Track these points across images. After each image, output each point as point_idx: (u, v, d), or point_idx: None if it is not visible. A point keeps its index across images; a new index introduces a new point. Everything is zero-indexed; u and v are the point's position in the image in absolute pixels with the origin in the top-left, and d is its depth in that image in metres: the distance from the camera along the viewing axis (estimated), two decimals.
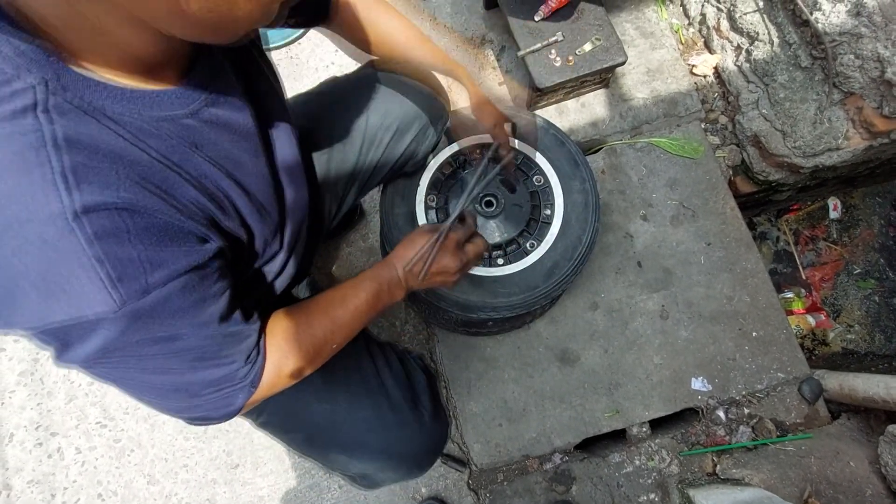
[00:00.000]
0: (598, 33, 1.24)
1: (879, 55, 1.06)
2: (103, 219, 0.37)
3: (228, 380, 0.52)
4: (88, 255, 0.37)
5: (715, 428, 1.20)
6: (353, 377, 0.81)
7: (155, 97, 0.43)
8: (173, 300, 0.43)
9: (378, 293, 0.69)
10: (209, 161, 0.48)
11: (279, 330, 0.62)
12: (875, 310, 1.78)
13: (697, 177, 1.34)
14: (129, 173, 0.40)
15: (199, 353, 0.49)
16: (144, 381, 0.48)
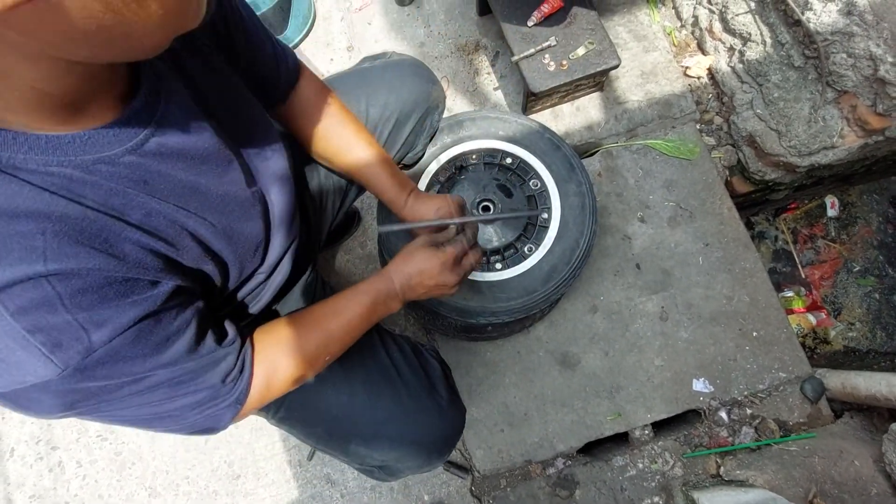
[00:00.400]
0: (591, 37, 1.25)
1: (872, 53, 1.07)
2: (29, 291, 0.35)
3: (210, 400, 0.52)
4: (18, 329, 0.35)
5: (718, 429, 1.20)
6: (371, 368, 0.82)
7: (85, 140, 0.39)
8: (126, 350, 0.41)
9: (374, 305, 0.69)
10: (158, 198, 0.45)
11: (272, 342, 0.61)
12: (876, 307, 1.78)
13: (694, 178, 1.34)
14: (58, 231, 0.37)
15: (171, 385, 0.48)
16: (125, 417, 0.48)
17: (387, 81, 0.91)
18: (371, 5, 1.55)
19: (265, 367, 0.59)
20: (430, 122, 0.99)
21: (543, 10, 1.25)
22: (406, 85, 0.92)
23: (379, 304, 0.69)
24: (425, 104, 0.94)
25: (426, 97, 0.94)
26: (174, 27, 0.36)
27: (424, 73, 0.96)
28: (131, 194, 0.42)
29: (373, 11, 1.54)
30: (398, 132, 0.93)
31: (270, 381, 0.59)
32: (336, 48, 1.53)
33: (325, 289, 0.94)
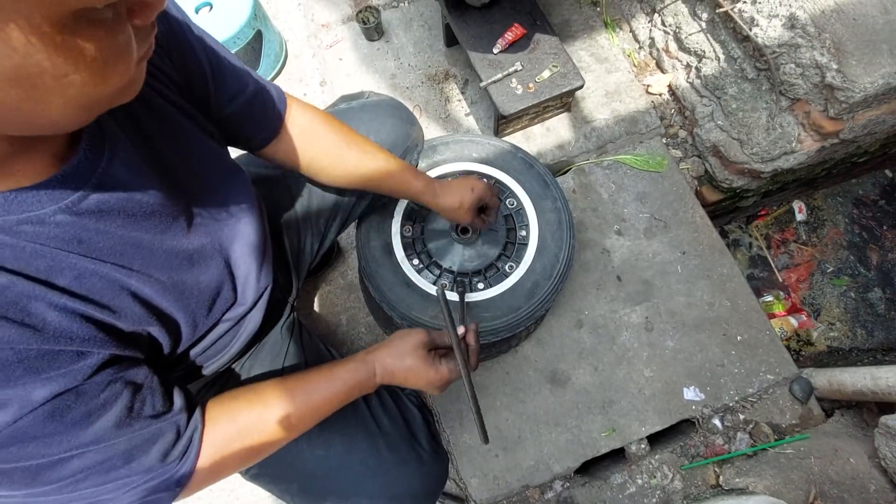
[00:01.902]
0: (554, 61, 1.30)
1: (818, 62, 1.13)
2: None
3: (146, 483, 0.47)
4: None
5: (713, 437, 1.18)
6: (349, 419, 0.78)
7: (10, 200, 0.36)
8: (35, 430, 0.37)
9: (349, 391, 0.65)
10: (94, 257, 0.42)
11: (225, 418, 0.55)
12: (853, 306, 1.82)
13: (665, 189, 1.38)
14: None
15: (100, 472, 0.43)
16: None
17: (365, 123, 0.90)
18: (341, 41, 1.59)
19: (215, 446, 0.53)
20: (408, 160, 0.99)
21: (507, 38, 1.30)
22: (385, 126, 0.92)
23: (354, 390, 0.66)
24: (404, 144, 0.95)
25: (405, 138, 0.95)
26: (99, 108, 0.35)
27: (403, 113, 0.97)
28: (60, 256, 0.39)
29: (343, 47, 1.58)
30: None
31: (220, 463, 0.53)
32: (309, 83, 1.56)
33: (303, 332, 0.92)
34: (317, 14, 1.63)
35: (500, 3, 1.35)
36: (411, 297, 1.03)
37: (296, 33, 1.62)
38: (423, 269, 1.07)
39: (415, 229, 1.08)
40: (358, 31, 1.58)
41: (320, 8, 1.64)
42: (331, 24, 1.61)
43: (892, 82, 1.10)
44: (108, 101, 0.35)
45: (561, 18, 1.56)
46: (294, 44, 1.61)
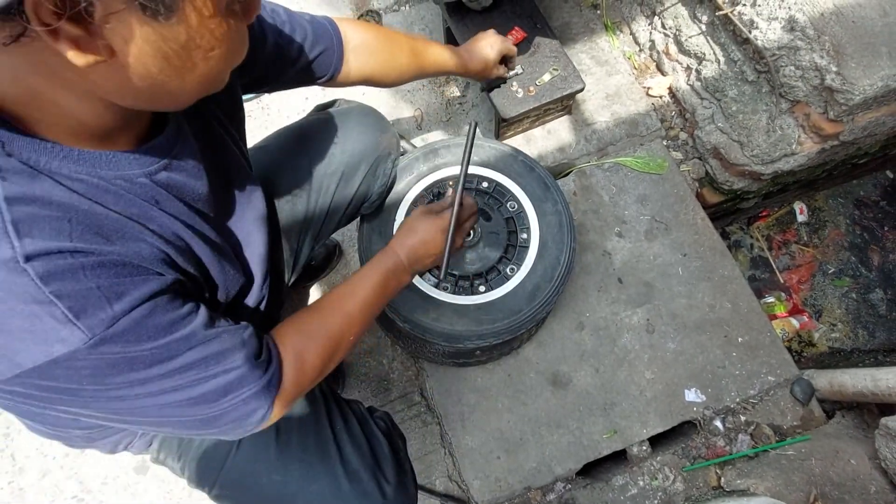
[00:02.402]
0: (555, 64, 1.30)
1: (817, 64, 1.13)
2: (55, 260, 0.38)
3: (241, 383, 0.51)
4: (45, 293, 0.37)
5: (714, 439, 1.19)
6: (309, 445, 0.76)
7: (109, 158, 0.45)
8: (146, 323, 0.43)
9: (385, 281, 0.73)
10: (168, 214, 0.50)
11: (293, 330, 0.62)
12: (854, 307, 1.82)
13: (665, 191, 1.38)
14: (81, 221, 0.41)
15: (200, 366, 0.48)
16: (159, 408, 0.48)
17: (331, 134, 0.90)
18: None
19: (293, 350, 0.59)
20: (382, 170, 0.97)
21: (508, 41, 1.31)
22: (351, 136, 0.91)
23: (390, 279, 0.73)
24: (374, 153, 0.93)
25: (374, 146, 0.93)
26: (205, 89, 0.45)
27: (372, 121, 0.95)
28: (147, 207, 0.48)
29: None
30: (346, 185, 0.92)
31: (302, 363, 0.60)
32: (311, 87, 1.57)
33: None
34: None
35: (501, 7, 1.35)
36: (413, 299, 1.04)
37: None
38: (425, 271, 1.07)
39: None
40: None
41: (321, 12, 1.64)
42: None
43: (892, 84, 1.10)
44: (211, 85, 0.45)
45: (561, 21, 1.57)
46: None
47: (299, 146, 0.90)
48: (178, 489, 1.20)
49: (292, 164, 0.88)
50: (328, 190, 0.90)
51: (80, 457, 1.23)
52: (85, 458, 1.23)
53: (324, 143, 0.89)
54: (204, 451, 0.76)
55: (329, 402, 0.82)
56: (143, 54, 0.37)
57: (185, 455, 0.77)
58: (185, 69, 0.40)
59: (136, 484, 1.21)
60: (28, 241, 0.37)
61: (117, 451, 0.78)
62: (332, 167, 0.89)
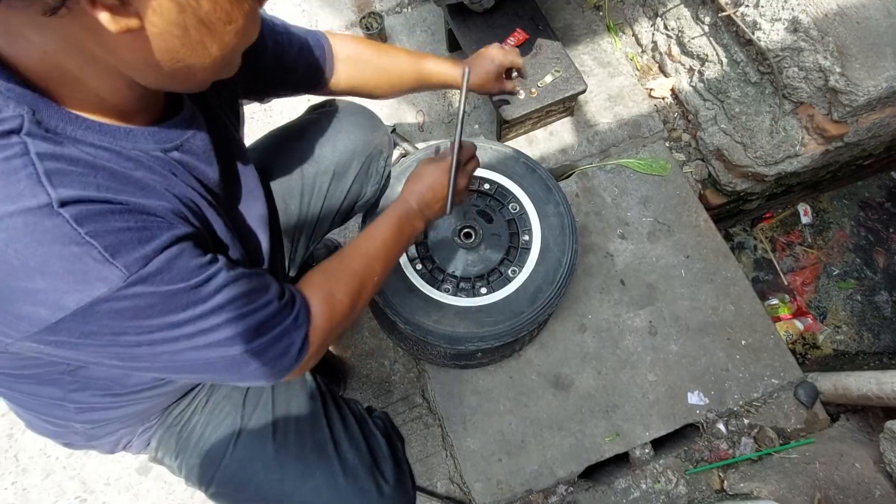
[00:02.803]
0: (557, 66, 1.30)
1: (821, 65, 1.13)
2: (86, 206, 0.40)
3: (272, 321, 0.53)
4: (81, 234, 0.39)
5: (717, 442, 1.18)
6: (306, 444, 0.76)
7: (128, 132, 0.47)
8: (176, 264, 0.45)
9: (400, 227, 0.75)
10: (185, 184, 0.51)
11: (317, 274, 0.65)
12: (859, 309, 1.81)
13: (668, 193, 1.38)
14: (107, 178, 0.43)
15: (229, 306, 0.49)
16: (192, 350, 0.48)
17: (321, 133, 0.91)
18: None
19: (320, 290, 0.62)
20: (375, 168, 0.98)
21: (510, 43, 1.31)
22: (342, 134, 0.92)
23: (404, 225, 0.76)
24: (366, 151, 0.94)
25: (366, 144, 0.94)
26: (221, 68, 0.46)
27: (362, 119, 0.95)
28: (165, 174, 0.49)
29: None
30: (338, 183, 0.92)
31: (331, 300, 0.62)
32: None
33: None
34: (320, 20, 1.64)
35: (503, 8, 1.35)
36: (415, 301, 1.04)
37: None
38: (427, 273, 1.07)
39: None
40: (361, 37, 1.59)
41: (324, 14, 1.65)
42: (334, 29, 1.62)
43: None
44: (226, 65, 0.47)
45: (563, 23, 1.57)
46: None
47: (291, 146, 0.90)
48: (180, 490, 1.20)
49: (284, 164, 0.89)
50: (321, 189, 0.91)
51: (83, 457, 1.23)
52: (88, 459, 1.23)
53: (315, 143, 0.90)
54: (201, 449, 0.77)
55: (327, 401, 0.82)
56: (168, 24, 0.38)
57: (182, 453, 0.78)
58: (204, 43, 0.42)
59: (138, 484, 1.21)
60: (62, 189, 0.39)
61: (116, 451, 0.78)
62: (324, 166, 0.90)
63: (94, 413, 0.68)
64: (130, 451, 0.79)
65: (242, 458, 0.75)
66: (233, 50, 0.45)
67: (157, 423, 0.78)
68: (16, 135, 0.39)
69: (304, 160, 0.89)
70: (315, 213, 0.93)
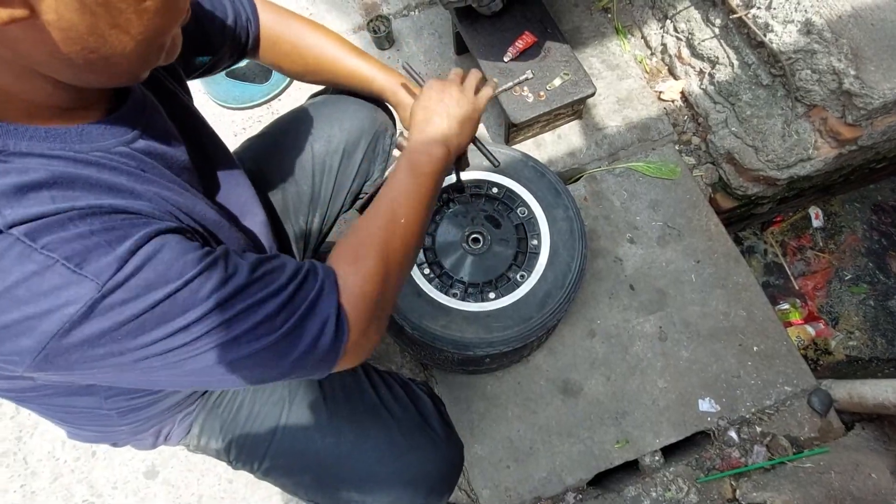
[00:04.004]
0: (565, 69, 1.29)
1: (835, 68, 1.11)
2: (37, 224, 0.36)
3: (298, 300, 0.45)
4: (36, 248, 0.35)
5: (729, 450, 1.16)
6: (358, 407, 0.79)
7: (79, 132, 0.42)
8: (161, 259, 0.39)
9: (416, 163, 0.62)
10: (157, 182, 0.46)
11: (337, 247, 0.55)
12: (872, 314, 1.78)
13: (678, 196, 1.36)
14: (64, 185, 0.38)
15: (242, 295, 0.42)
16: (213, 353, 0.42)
17: (327, 114, 0.92)
18: None
19: (342, 257, 0.53)
20: (381, 146, 0.98)
21: (518, 46, 1.30)
22: (348, 114, 0.92)
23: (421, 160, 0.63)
24: (372, 129, 0.94)
25: (371, 122, 0.94)
26: (149, 54, 0.41)
27: (365, 99, 0.96)
28: (133, 176, 0.44)
29: None
30: (348, 162, 0.93)
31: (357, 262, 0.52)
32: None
33: None
34: (328, 23, 1.64)
35: (511, 12, 1.35)
36: (423, 306, 1.03)
37: None
38: (435, 278, 1.07)
39: (426, 238, 1.08)
40: (368, 40, 1.59)
41: (332, 17, 1.65)
42: (342, 32, 1.62)
43: None
44: (155, 48, 0.41)
45: (571, 25, 1.56)
46: None
47: (299, 130, 0.90)
48: (188, 494, 1.20)
49: (294, 146, 0.89)
50: (332, 168, 0.91)
51: (91, 461, 1.23)
52: (96, 462, 1.23)
53: (323, 125, 0.90)
54: (251, 425, 0.78)
55: (369, 370, 0.85)
56: (65, 9, 0.33)
57: (230, 433, 0.78)
58: (116, 27, 0.36)
59: (145, 489, 1.21)
60: (8, 211, 0.35)
61: (157, 445, 0.79)
62: (334, 145, 0.90)
63: (136, 413, 0.68)
64: (170, 443, 0.79)
65: (296, 427, 0.76)
66: (156, 32, 0.39)
67: (199, 408, 0.78)
68: None
69: (315, 141, 0.90)
70: (328, 191, 0.93)
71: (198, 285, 0.40)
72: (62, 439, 1.25)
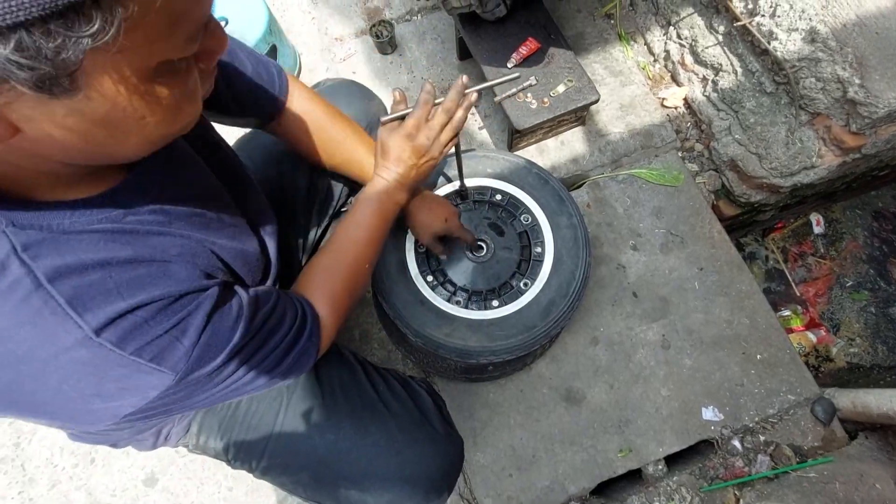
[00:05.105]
0: (569, 75, 1.29)
1: (839, 76, 1.11)
2: (121, 324, 0.41)
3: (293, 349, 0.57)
4: (126, 356, 0.41)
5: (732, 459, 1.16)
6: (357, 403, 0.79)
7: (112, 197, 0.44)
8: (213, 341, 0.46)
9: (381, 207, 0.73)
10: (183, 231, 0.50)
11: (316, 273, 0.67)
12: (873, 321, 1.78)
13: (681, 204, 1.36)
14: (119, 273, 0.42)
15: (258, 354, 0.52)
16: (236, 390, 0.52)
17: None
18: (355, 55, 1.59)
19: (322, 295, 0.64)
20: (374, 137, 0.97)
21: (522, 52, 1.30)
22: (342, 107, 0.92)
23: (385, 203, 0.73)
24: (365, 120, 0.96)
25: (364, 112, 0.96)
26: (156, 146, 0.41)
27: (357, 90, 0.98)
28: (165, 230, 0.48)
29: (357, 61, 1.58)
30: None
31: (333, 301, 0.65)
32: None
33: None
34: (331, 28, 1.64)
35: (515, 17, 1.34)
36: (426, 314, 1.02)
37: (310, 47, 1.62)
38: (438, 286, 1.06)
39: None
40: (371, 45, 1.59)
41: (334, 22, 1.65)
42: (344, 37, 1.62)
43: None
44: (173, 136, 0.41)
45: (575, 31, 1.56)
46: (308, 57, 1.61)
47: None
48: (187, 502, 1.19)
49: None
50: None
51: (90, 467, 1.22)
52: (94, 469, 1.22)
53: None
54: (249, 422, 0.78)
55: (367, 367, 0.86)
56: (56, 129, 0.33)
57: (229, 432, 0.78)
58: (116, 137, 0.36)
59: (144, 496, 1.20)
60: (89, 315, 0.39)
61: (157, 447, 0.79)
62: None
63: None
64: (169, 443, 0.79)
65: (294, 424, 0.77)
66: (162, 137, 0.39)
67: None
68: (14, 257, 0.37)
69: None
70: (325, 185, 0.94)
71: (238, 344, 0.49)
72: (60, 445, 1.24)
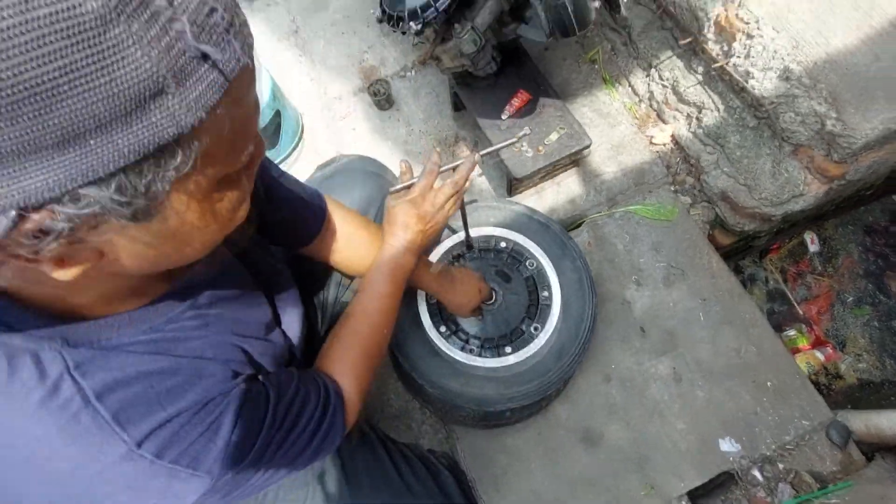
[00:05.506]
0: (561, 123, 1.35)
1: (816, 111, 1.17)
2: (159, 437, 0.43)
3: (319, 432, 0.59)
4: (165, 465, 0.43)
5: (754, 490, 1.16)
6: (380, 488, 0.81)
7: (153, 310, 0.48)
8: (245, 440, 0.49)
9: (393, 273, 0.77)
10: (219, 332, 0.54)
11: (336, 349, 0.70)
12: (878, 336, 1.80)
13: (678, 237, 1.40)
14: (160, 382, 0.45)
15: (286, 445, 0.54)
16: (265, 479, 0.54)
17: (338, 186, 0.96)
18: (354, 113, 1.67)
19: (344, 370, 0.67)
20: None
21: (514, 104, 1.37)
22: (357, 184, 0.98)
23: (396, 269, 0.77)
24: (379, 196, 1.00)
25: (378, 188, 1.00)
26: (211, 248, 0.44)
27: (371, 167, 1.02)
28: (201, 335, 0.51)
29: (356, 118, 1.66)
30: None
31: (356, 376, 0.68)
32: (324, 155, 1.63)
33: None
34: (329, 88, 1.72)
35: (505, 72, 1.42)
36: (441, 365, 1.04)
37: (310, 106, 1.70)
38: (451, 335, 1.09)
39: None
40: (369, 102, 1.66)
41: (332, 82, 1.73)
42: (343, 96, 1.70)
43: (892, 126, 1.13)
44: (220, 237, 0.44)
45: (561, 78, 1.64)
46: (309, 116, 1.69)
47: None
48: None
49: None
50: None
51: None
52: None
53: (335, 196, 0.93)
54: None
55: (389, 447, 0.88)
56: (134, 247, 0.36)
57: None
58: (183, 245, 0.40)
59: None
60: (132, 428, 0.41)
61: None
62: None
63: None
64: None
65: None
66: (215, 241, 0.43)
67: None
68: (67, 376, 0.39)
69: None
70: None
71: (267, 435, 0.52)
72: None
